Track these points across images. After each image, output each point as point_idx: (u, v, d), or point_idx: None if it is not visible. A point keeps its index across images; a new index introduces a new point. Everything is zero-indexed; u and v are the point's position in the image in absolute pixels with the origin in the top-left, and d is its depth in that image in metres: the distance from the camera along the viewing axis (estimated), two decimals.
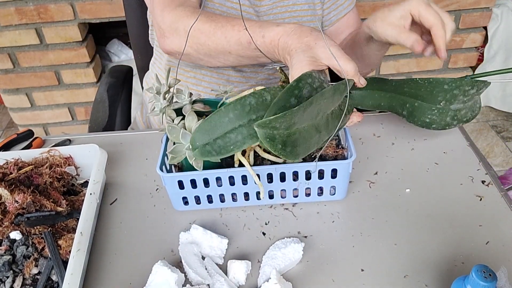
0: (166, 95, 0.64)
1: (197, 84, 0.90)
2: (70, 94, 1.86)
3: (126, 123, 1.10)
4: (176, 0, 0.75)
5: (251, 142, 0.54)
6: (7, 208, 0.64)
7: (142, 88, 1.16)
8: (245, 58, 0.71)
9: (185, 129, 0.60)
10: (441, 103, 0.70)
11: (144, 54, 1.09)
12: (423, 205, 0.66)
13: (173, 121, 0.63)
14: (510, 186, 0.70)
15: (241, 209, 0.68)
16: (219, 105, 0.66)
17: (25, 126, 1.95)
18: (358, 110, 0.85)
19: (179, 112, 0.64)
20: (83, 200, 0.65)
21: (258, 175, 0.63)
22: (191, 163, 0.60)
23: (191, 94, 0.66)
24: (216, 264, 0.60)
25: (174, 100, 0.65)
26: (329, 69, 0.62)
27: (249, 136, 0.54)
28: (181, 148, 0.60)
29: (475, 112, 0.75)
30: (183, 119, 0.62)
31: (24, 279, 0.58)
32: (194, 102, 0.67)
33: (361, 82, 0.62)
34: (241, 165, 0.63)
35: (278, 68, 0.68)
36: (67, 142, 0.84)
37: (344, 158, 0.66)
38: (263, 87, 0.57)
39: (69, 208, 0.66)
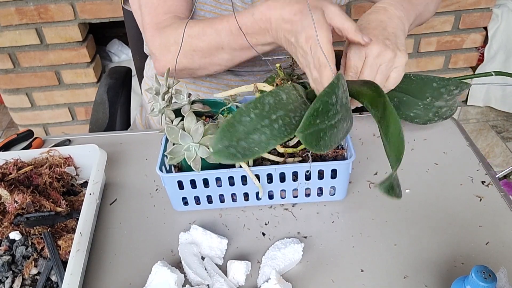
0: (165, 96, 0.64)
1: (197, 90, 0.90)
2: (70, 94, 1.86)
3: (126, 125, 1.10)
4: (165, 20, 0.75)
5: (274, 143, 0.52)
6: (7, 208, 0.64)
7: (141, 91, 1.16)
8: (238, 50, 0.70)
9: (184, 130, 0.60)
10: (427, 99, 0.75)
11: (143, 56, 1.09)
12: (423, 205, 0.66)
13: (172, 122, 0.63)
14: (503, 174, 0.71)
15: (241, 209, 0.68)
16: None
17: (25, 126, 1.95)
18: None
19: (178, 112, 0.64)
20: (82, 200, 0.65)
21: (257, 175, 0.63)
22: (189, 163, 0.60)
23: (190, 94, 0.66)
24: (216, 264, 0.60)
25: (173, 101, 0.65)
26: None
27: (272, 137, 0.52)
28: (180, 149, 0.60)
29: (453, 111, 0.79)
30: (182, 119, 0.62)
31: (23, 279, 0.58)
32: (193, 102, 0.67)
33: (365, 40, 0.58)
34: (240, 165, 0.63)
35: (278, 65, 0.67)
36: (66, 142, 0.84)
37: (343, 158, 0.66)
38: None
39: (68, 208, 0.66)
